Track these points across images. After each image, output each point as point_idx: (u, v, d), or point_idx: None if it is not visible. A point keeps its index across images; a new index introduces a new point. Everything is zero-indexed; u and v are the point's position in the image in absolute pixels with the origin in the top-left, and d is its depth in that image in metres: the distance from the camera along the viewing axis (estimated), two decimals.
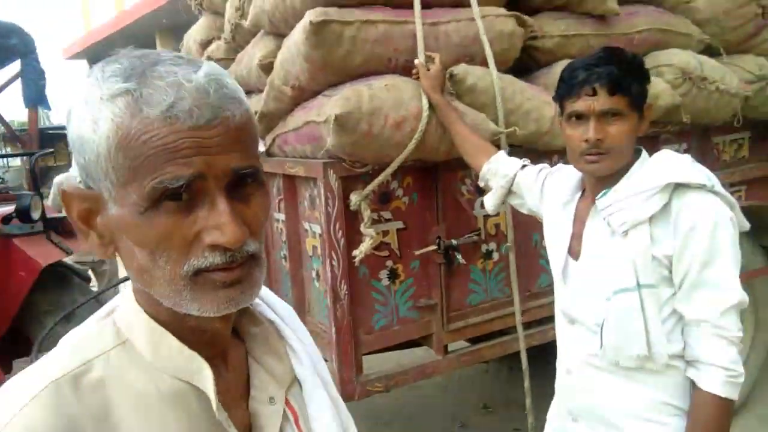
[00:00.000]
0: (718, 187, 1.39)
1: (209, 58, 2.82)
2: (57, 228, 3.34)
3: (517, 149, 2.22)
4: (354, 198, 2.07)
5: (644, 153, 1.47)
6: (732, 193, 3.03)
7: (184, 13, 3.21)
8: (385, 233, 2.20)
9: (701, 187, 1.36)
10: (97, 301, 3.28)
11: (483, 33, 2.14)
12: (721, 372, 1.34)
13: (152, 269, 0.64)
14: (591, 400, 1.53)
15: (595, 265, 1.45)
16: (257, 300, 0.82)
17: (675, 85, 2.51)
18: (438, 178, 2.25)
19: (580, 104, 1.39)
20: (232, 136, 0.63)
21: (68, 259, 3.54)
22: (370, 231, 2.05)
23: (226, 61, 2.78)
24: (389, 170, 2.02)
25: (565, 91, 1.44)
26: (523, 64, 2.47)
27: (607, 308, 1.41)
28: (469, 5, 2.23)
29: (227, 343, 0.75)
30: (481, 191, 2.39)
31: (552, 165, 2.44)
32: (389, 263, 2.23)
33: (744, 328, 3.37)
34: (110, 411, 0.65)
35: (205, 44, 3.01)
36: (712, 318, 1.35)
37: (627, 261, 1.38)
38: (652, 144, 2.71)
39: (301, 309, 2.56)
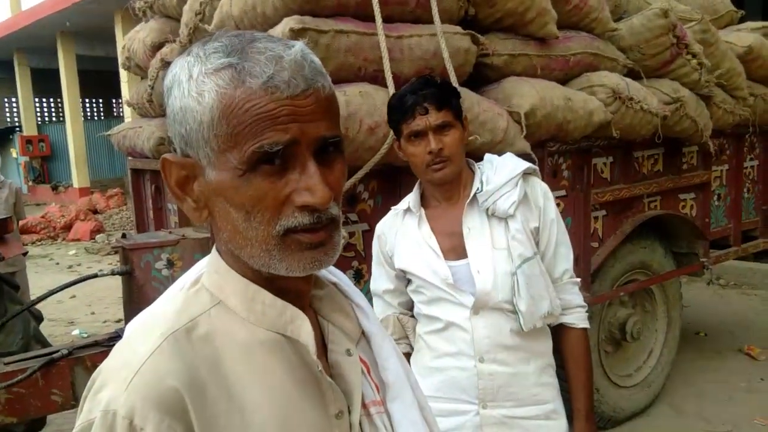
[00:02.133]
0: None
1: (163, 61, 2.80)
2: None
3: (472, 156, 2.37)
4: None
5: (472, 161, 1.73)
6: (648, 204, 3.41)
7: (134, 15, 3.14)
8: (351, 234, 2.28)
9: (533, 171, 1.71)
10: (30, 311, 3.12)
11: (445, 48, 2.29)
12: (583, 310, 1.73)
13: (246, 230, 0.69)
14: (505, 380, 1.64)
15: (492, 249, 1.63)
16: None
17: (607, 104, 2.78)
18: (401, 181, 2.36)
19: (417, 122, 1.57)
20: (322, 106, 0.70)
21: None
22: (342, 232, 2.12)
23: None
24: (363, 171, 2.11)
25: (400, 115, 1.61)
26: (474, 79, 2.65)
27: (515, 281, 1.61)
28: (428, 21, 2.38)
29: (306, 304, 0.81)
30: None
31: None
32: (355, 263, 2.31)
33: (658, 328, 3.72)
34: (220, 361, 0.70)
35: (156, 47, 2.97)
36: (570, 268, 1.73)
37: (522, 235, 1.62)
38: (586, 156, 2.98)
39: None
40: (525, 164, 1.69)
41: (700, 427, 3.51)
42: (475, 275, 1.62)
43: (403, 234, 1.72)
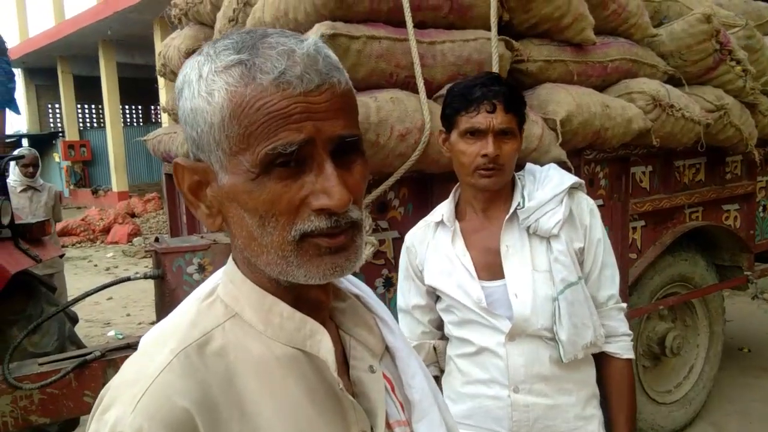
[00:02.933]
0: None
1: None
2: (25, 235, 3.21)
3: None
4: None
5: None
6: (690, 215, 3.30)
7: (170, 23, 3.19)
8: (382, 242, 2.25)
9: (579, 186, 1.59)
10: (65, 313, 3.17)
11: (495, 53, 2.25)
12: (628, 339, 1.59)
13: (261, 236, 0.66)
14: (542, 413, 1.52)
15: (533, 271, 1.49)
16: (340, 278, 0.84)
17: (646, 111, 2.69)
18: (432, 189, 2.33)
19: (480, 120, 1.43)
20: (338, 103, 0.65)
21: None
22: (371, 239, 2.10)
23: None
24: (394, 178, 2.08)
25: (462, 105, 1.46)
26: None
27: (557, 307, 1.48)
28: (461, 27, 2.34)
29: (326, 317, 0.77)
30: None
31: None
32: (385, 272, 2.28)
33: (699, 343, 3.60)
34: (234, 377, 0.66)
35: (190, 53, 2.99)
36: (616, 293, 1.59)
37: (567, 257, 1.49)
38: (624, 165, 2.90)
39: None
40: (571, 178, 1.56)
41: None
42: (513, 299, 1.48)
43: (434, 248, 1.60)
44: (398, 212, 2.30)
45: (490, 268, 1.53)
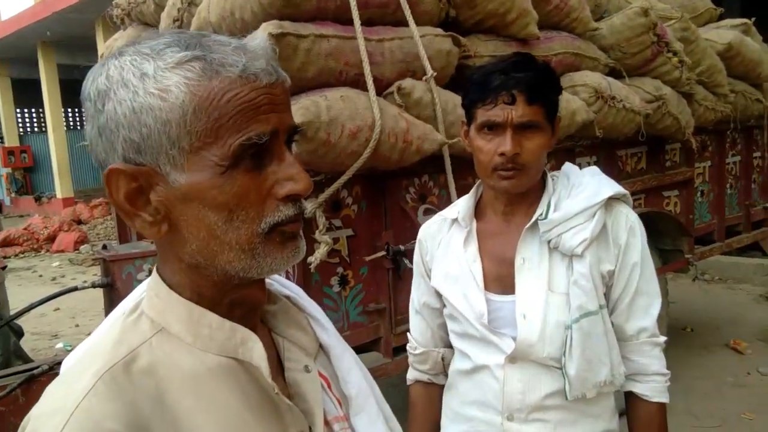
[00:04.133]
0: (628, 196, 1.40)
1: None
2: None
3: (459, 159, 2.36)
4: (309, 205, 2.11)
5: (545, 168, 1.40)
6: (633, 201, 3.42)
7: (112, 23, 3.11)
8: (336, 240, 2.26)
9: (621, 197, 1.36)
10: (9, 326, 3.06)
11: (422, 49, 2.27)
12: (662, 380, 1.36)
13: (225, 233, 0.64)
14: None
15: (547, 292, 1.31)
16: (269, 279, 0.83)
17: (589, 103, 2.78)
18: (385, 187, 2.35)
19: (497, 112, 1.25)
20: (287, 96, 0.68)
21: None
22: (325, 238, 2.10)
23: None
24: (346, 176, 2.09)
25: (478, 96, 1.28)
26: (457, 82, 2.64)
27: (569, 336, 1.28)
28: (408, 24, 2.36)
29: (258, 319, 0.76)
30: (424, 198, 2.52)
31: None
32: (340, 270, 2.29)
33: None
34: (165, 394, 0.64)
35: None
36: (651, 326, 1.35)
37: (588, 282, 1.28)
38: (569, 156, 2.98)
39: None
40: (611, 188, 1.33)
41: (689, 424, 3.51)
42: (519, 319, 1.30)
43: (445, 247, 1.44)
44: (352, 210, 2.31)
45: (501, 279, 1.35)
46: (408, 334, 1.59)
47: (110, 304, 2.75)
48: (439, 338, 1.53)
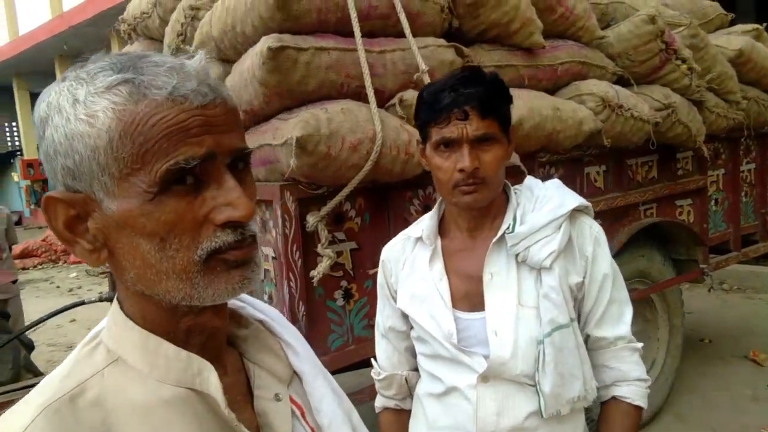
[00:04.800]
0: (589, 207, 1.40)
1: None
2: None
3: None
4: (311, 219, 2.10)
5: (507, 182, 1.39)
6: (644, 211, 3.36)
7: (119, 38, 3.14)
8: (339, 254, 2.24)
9: (584, 209, 1.37)
10: (20, 340, 3.08)
11: (421, 61, 2.25)
12: (643, 385, 1.36)
13: (160, 261, 0.62)
14: None
15: (518, 307, 1.29)
16: (241, 303, 0.81)
17: (596, 112, 2.75)
18: (388, 198, 2.33)
19: (451, 129, 1.24)
20: (231, 117, 0.65)
21: None
22: (327, 251, 2.09)
23: None
24: (347, 189, 2.07)
25: (430, 116, 1.27)
26: None
27: (541, 352, 1.26)
28: (413, 35, 2.35)
29: (222, 345, 0.74)
30: (428, 210, 2.49)
31: None
32: (344, 283, 2.27)
33: (660, 337, 3.65)
34: (111, 427, 0.62)
35: None
36: (626, 333, 1.35)
37: (558, 295, 1.27)
38: (578, 166, 2.94)
39: None
40: (574, 200, 1.33)
41: None
42: (491, 337, 1.28)
43: (410, 266, 1.41)
44: (355, 223, 2.29)
45: (469, 297, 1.33)
46: (372, 359, 1.56)
47: None
48: (406, 361, 1.50)
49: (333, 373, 2.30)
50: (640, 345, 1.38)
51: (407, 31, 2.26)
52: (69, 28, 12.95)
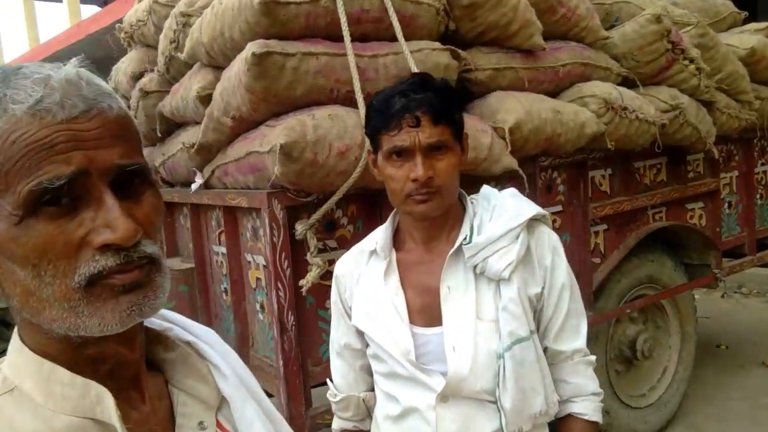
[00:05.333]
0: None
1: (142, 91, 2.77)
2: None
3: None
4: (300, 227, 2.06)
5: (463, 191, 1.35)
6: (653, 215, 3.27)
7: (114, 47, 3.14)
8: (331, 262, 2.19)
9: (542, 218, 1.34)
10: None
11: (413, 65, 2.20)
12: (597, 399, 1.34)
13: (39, 289, 0.58)
14: None
15: (476, 320, 1.24)
16: (170, 324, 0.76)
17: (599, 114, 2.67)
18: (381, 205, 2.28)
19: (403, 137, 1.20)
20: (112, 130, 0.59)
21: None
22: (317, 260, 2.05)
23: (160, 93, 2.74)
24: (335, 197, 2.03)
25: (381, 123, 1.22)
26: (460, 95, 2.57)
27: (501, 366, 1.22)
28: (407, 39, 2.30)
29: (136, 372, 0.69)
30: None
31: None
32: None
33: (671, 344, 3.57)
34: None
35: (136, 77, 2.95)
36: (583, 345, 1.33)
37: (518, 306, 1.24)
38: (582, 169, 2.87)
39: (244, 343, 2.50)
40: (532, 209, 1.30)
41: None
42: (449, 353, 1.23)
43: (365, 281, 1.35)
44: (347, 230, 2.25)
45: (427, 312, 1.28)
46: (328, 380, 1.51)
47: None
48: (362, 381, 1.44)
49: (324, 384, 2.26)
50: (593, 358, 1.37)
51: (399, 34, 2.21)
52: (86, 36, 13.10)
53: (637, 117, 2.73)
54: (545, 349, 1.33)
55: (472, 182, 2.27)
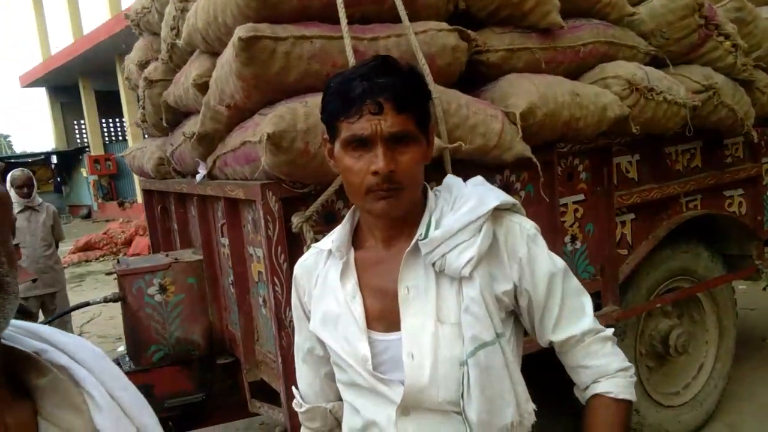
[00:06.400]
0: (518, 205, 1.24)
1: (147, 80, 2.72)
2: None
3: (464, 164, 2.16)
4: (295, 220, 1.98)
5: (426, 184, 1.22)
6: (687, 204, 3.07)
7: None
8: None
9: (512, 207, 1.21)
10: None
11: (416, 47, 2.07)
12: (626, 375, 1.20)
13: None
14: None
15: (436, 323, 1.12)
16: (44, 345, 0.68)
17: (622, 97, 2.49)
18: None
19: (363, 125, 1.07)
20: None
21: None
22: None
23: (165, 81, 2.68)
24: (332, 188, 1.93)
25: (339, 107, 1.09)
26: (470, 79, 2.43)
27: (465, 374, 1.11)
28: (410, 20, 2.17)
29: (2, 400, 0.61)
30: None
31: (502, 181, 2.42)
32: None
33: (708, 339, 3.36)
34: None
35: (143, 65, 2.91)
36: (593, 324, 1.20)
37: (481, 307, 1.11)
38: (605, 156, 2.69)
39: (249, 338, 2.45)
40: (495, 198, 1.16)
41: None
42: (406, 360, 1.12)
43: (322, 282, 1.24)
44: None
45: (386, 315, 1.16)
46: (294, 388, 1.41)
47: (125, 318, 2.72)
48: (329, 389, 1.33)
49: None
50: (610, 332, 1.22)
51: (402, 13, 2.09)
52: (125, 27, 13.31)
53: (665, 99, 2.53)
54: (550, 344, 1.22)
55: (483, 172, 2.15)
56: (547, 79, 2.39)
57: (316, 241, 2.02)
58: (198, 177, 2.51)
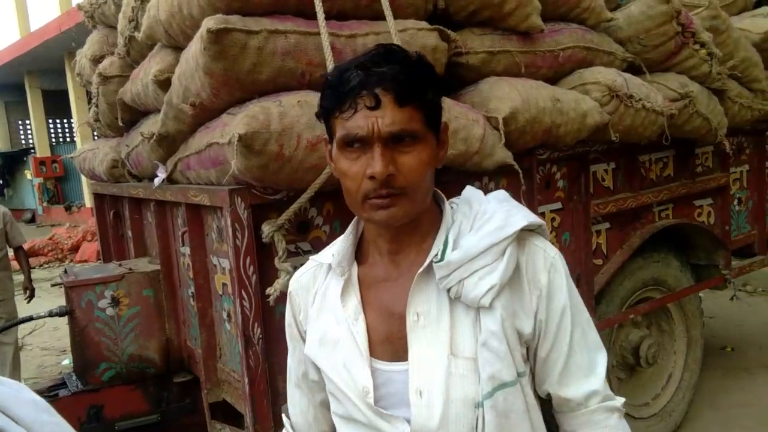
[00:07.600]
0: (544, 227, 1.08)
1: (102, 76, 2.52)
2: None
3: (443, 171, 2.05)
4: (266, 229, 1.83)
5: (440, 193, 1.08)
6: (659, 213, 3.05)
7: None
8: None
9: (537, 228, 1.05)
10: None
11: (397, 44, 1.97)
12: None
13: None
14: None
15: (450, 357, 0.98)
16: None
17: (602, 103, 2.44)
18: None
19: (358, 122, 0.92)
20: None
21: None
22: (285, 265, 1.81)
23: (121, 78, 2.49)
24: (306, 195, 1.80)
25: (333, 101, 0.95)
26: (449, 81, 2.33)
27: (480, 417, 0.97)
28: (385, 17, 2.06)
29: None
30: None
31: (483, 187, 2.32)
32: None
33: (677, 349, 3.34)
34: None
35: (97, 60, 2.71)
36: (600, 387, 1.04)
37: (502, 343, 0.97)
38: (583, 163, 2.63)
39: (211, 355, 2.28)
40: (523, 218, 1.01)
41: None
42: (413, 398, 0.98)
43: (321, 300, 1.10)
44: (323, 231, 2.02)
45: (392, 341, 1.02)
46: (283, 416, 1.26)
47: (72, 334, 2.51)
48: (324, 419, 1.19)
49: None
50: (620, 402, 1.05)
51: (387, 10, 1.97)
52: (75, 25, 12.81)
53: (644, 106, 2.49)
54: (548, 395, 1.06)
55: (462, 179, 2.06)
56: (528, 84, 2.31)
57: (288, 252, 1.89)
58: (156, 181, 2.33)
